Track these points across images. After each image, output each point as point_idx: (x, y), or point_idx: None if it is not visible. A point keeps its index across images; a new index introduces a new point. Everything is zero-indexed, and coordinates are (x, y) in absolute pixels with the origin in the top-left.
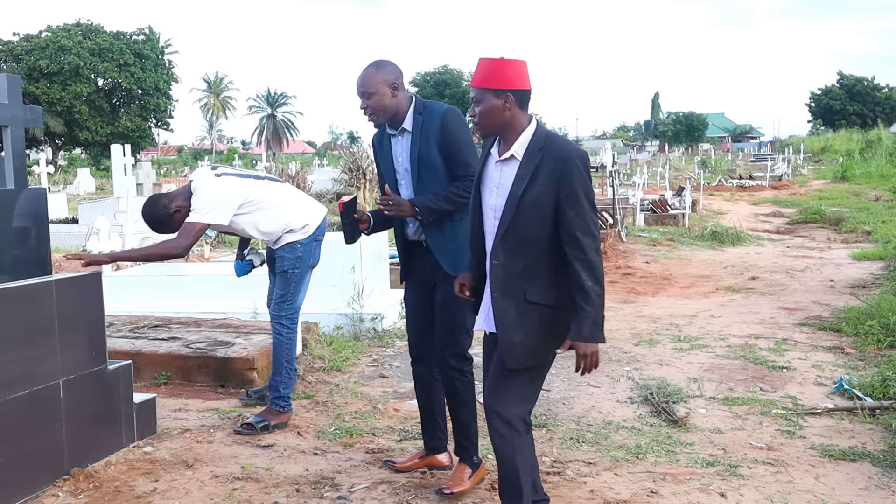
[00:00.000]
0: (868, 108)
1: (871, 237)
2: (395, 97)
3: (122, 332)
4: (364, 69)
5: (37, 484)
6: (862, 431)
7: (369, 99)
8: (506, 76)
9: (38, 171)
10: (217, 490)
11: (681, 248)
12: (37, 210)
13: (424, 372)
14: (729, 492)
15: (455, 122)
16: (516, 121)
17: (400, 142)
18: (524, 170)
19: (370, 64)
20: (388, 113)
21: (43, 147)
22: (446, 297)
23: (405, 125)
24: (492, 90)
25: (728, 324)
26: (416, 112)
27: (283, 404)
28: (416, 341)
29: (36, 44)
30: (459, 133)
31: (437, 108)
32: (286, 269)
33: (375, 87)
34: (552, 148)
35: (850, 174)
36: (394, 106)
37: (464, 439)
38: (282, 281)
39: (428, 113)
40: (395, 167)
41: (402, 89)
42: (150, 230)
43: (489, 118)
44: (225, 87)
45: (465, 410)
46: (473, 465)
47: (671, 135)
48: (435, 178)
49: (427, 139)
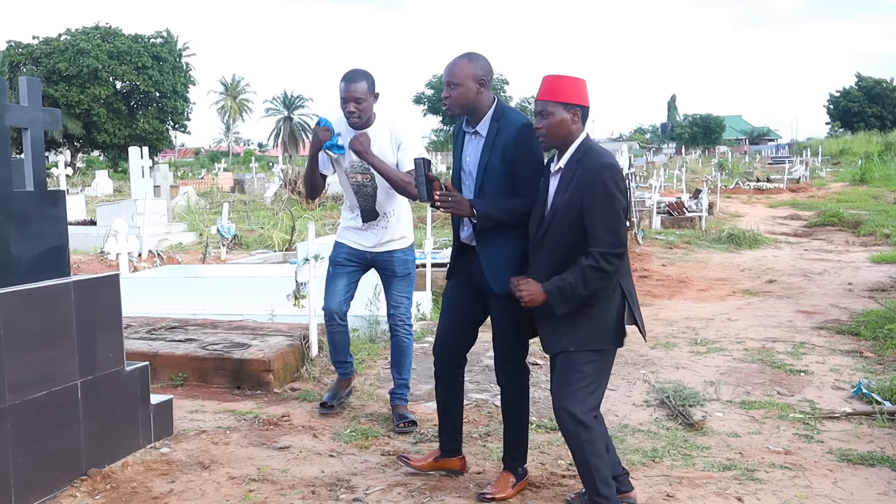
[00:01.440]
0: (887, 111)
1: (890, 240)
2: (480, 94)
3: (140, 334)
4: (456, 58)
5: (55, 484)
6: (881, 436)
7: (453, 90)
8: (576, 92)
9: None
10: (233, 491)
11: (697, 250)
12: (55, 212)
13: (447, 372)
14: (746, 496)
15: (530, 139)
16: (576, 134)
17: (471, 142)
18: (564, 178)
19: (463, 54)
20: (467, 108)
21: (62, 149)
22: (501, 311)
23: (479, 128)
24: (563, 104)
25: (745, 327)
26: (493, 118)
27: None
28: (443, 341)
29: (55, 47)
30: (533, 150)
31: (514, 119)
32: (410, 271)
33: (462, 79)
34: (587, 160)
35: (869, 177)
36: (475, 103)
37: (514, 450)
38: (407, 284)
39: (505, 122)
40: (462, 165)
41: (489, 88)
42: (167, 232)
43: (558, 130)
44: (242, 89)
45: (520, 423)
46: (518, 475)
47: (688, 137)
48: (497, 190)
49: (498, 149)
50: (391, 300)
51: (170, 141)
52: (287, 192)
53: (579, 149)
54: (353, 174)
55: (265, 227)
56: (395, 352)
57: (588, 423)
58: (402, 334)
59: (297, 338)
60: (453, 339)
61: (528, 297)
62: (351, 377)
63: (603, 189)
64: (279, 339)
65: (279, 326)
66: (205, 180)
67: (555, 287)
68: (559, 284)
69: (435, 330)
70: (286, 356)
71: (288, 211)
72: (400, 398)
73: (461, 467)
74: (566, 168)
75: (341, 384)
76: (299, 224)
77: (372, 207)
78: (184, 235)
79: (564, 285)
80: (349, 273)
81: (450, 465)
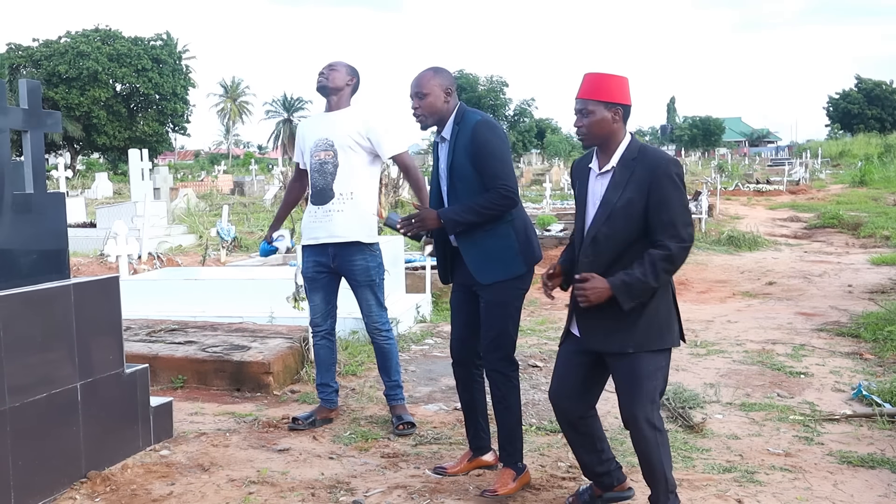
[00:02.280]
0: (887, 113)
1: (890, 242)
2: (447, 103)
3: (139, 336)
4: (421, 72)
5: (54, 487)
6: (881, 438)
7: (422, 100)
8: (618, 90)
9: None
10: (233, 494)
11: (697, 252)
12: (55, 214)
13: (465, 373)
14: (746, 498)
15: (485, 133)
16: (619, 134)
17: (442, 149)
18: (619, 178)
19: (428, 68)
20: (436, 117)
21: (61, 152)
22: (488, 303)
23: (444, 133)
24: (604, 103)
25: (745, 329)
26: (455, 121)
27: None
28: (457, 343)
29: (55, 49)
30: (489, 144)
31: (470, 118)
32: (374, 278)
33: (430, 88)
34: (645, 158)
35: (869, 179)
36: (444, 111)
37: (508, 444)
38: (373, 290)
39: (464, 122)
40: (439, 174)
41: (453, 96)
42: (166, 235)
43: (599, 129)
44: (241, 91)
45: (510, 416)
46: (518, 469)
47: (687, 139)
48: (467, 189)
49: (460, 149)
50: (362, 309)
51: (169, 143)
52: None
53: (631, 147)
54: (317, 152)
55: (265, 230)
56: (378, 358)
57: (662, 428)
58: (380, 341)
59: (296, 340)
60: (466, 340)
61: (593, 294)
62: (333, 408)
63: (673, 184)
64: (279, 341)
65: (279, 329)
66: (204, 182)
67: (621, 282)
68: (626, 279)
69: (436, 332)
70: (286, 358)
71: None
72: (395, 398)
73: (495, 462)
74: (620, 167)
75: (321, 411)
76: (299, 227)
77: (328, 186)
78: (183, 238)
79: (632, 280)
80: (323, 285)
81: (485, 462)
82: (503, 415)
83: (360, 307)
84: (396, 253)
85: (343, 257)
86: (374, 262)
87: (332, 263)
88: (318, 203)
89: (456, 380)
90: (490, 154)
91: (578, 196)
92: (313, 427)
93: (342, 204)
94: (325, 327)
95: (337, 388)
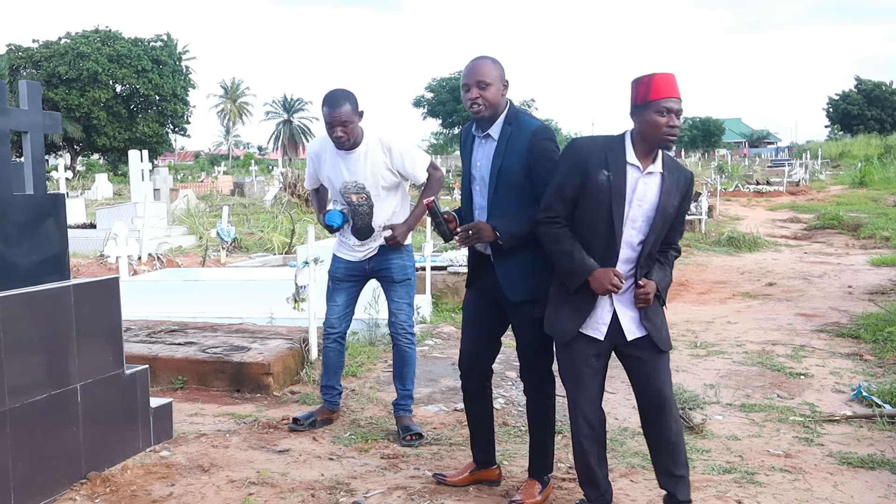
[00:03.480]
0: (887, 114)
1: (890, 243)
2: (504, 96)
3: (139, 337)
4: (479, 59)
5: (54, 487)
6: (881, 439)
7: (485, 90)
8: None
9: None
10: (233, 495)
11: (697, 253)
12: (55, 215)
13: (474, 387)
14: (746, 499)
15: (547, 141)
16: None
17: (482, 146)
18: (669, 184)
19: (484, 56)
20: (493, 110)
21: (61, 152)
22: (522, 321)
23: (491, 131)
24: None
25: (745, 330)
26: (506, 121)
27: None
28: (468, 354)
29: (55, 50)
30: (550, 153)
31: (528, 122)
32: (409, 276)
33: (493, 79)
34: (677, 166)
35: (869, 179)
36: (501, 105)
37: (541, 458)
38: (407, 290)
39: (518, 125)
40: (472, 171)
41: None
42: (166, 236)
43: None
44: (241, 92)
45: (547, 432)
46: (544, 482)
47: (687, 140)
48: (513, 195)
49: (512, 153)
50: (392, 307)
51: (169, 144)
52: (287, 195)
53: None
54: (348, 195)
55: (265, 231)
56: (397, 362)
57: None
58: (403, 343)
59: (296, 341)
60: (477, 352)
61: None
62: (335, 410)
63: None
64: (279, 342)
65: (279, 329)
66: (204, 183)
67: (662, 283)
68: (660, 280)
69: (436, 333)
70: (286, 359)
71: (288, 214)
72: (404, 409)
73: (498, 477)
74: (667, 172)
75: (322, 412)
76: (299, 227)
77: (367, 225)
78: (183, 239)
79: (664, 281)
80: (348, 288)
81: (487, 476)
82: (540, 431)
83: (390, 307)
84: None
85: (379, 257)
86: (409, 261)
87: (368, 266)
88: (360, 238)
89: (463, 392)
90: (552, 163)
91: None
92: (313, 428)
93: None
94: (339, 330)
95: (341, 390)
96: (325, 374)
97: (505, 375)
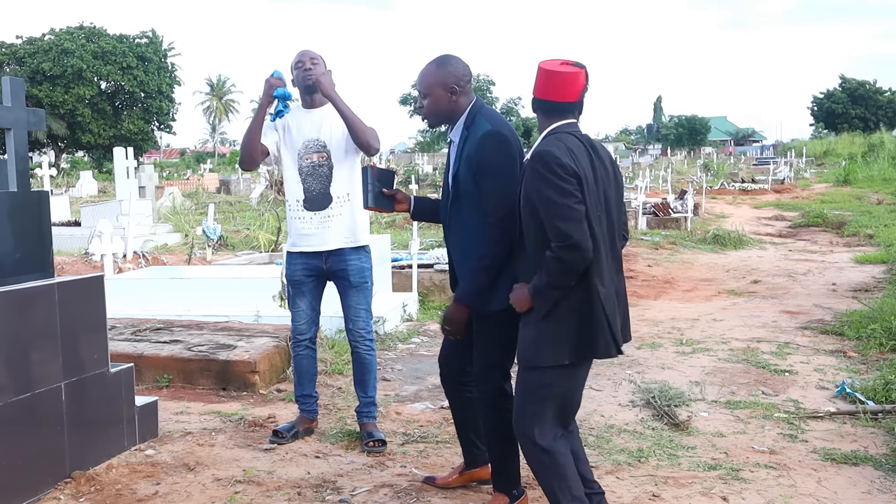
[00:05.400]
0: (870, 112)
1: (874, 241)
2: (454, 102)
3: (124, 335)
4: (427, 64)
5: (38, 487)
6: (864, 435)
7: (424, 100)
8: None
9: (40, 173)
10: (218, 493)
11: (683, 251)
12: (39, 213)
13: (452, 388)
14: (731, 496)
15: (490, 147)
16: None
17: (452, 151)
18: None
19: (434, 59)
20: (443, 117)
21: (45, 150)
22: (478, 332)
23: (453, 136)
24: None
25: (730, 327)
26: (465, 124)
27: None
28: (444, 359)
29: (39, 47)
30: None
31: (480, 126)
32: (367, 280)
33: (430, 89)
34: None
35: (853, 178)
36: (450, 111)
37: (500, 472)
38: (364, 294)
39: (473, 129)
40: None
41: (465, 92)
42: (152, 233)
43: None
44: (227, 89)
45: (500, 446)
46: (512, 496)
47: (673, 138)
48: (469, 203)
49: (465, 159)
50: (348, 313)
51: (155, 141)
52: (273, 192)
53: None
54: (308, 154)
55: (251, 228)
56: (357, 369)
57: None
58: (363, 350)
59: (282, 339)
60: (454, 354)
61: (515, 303)
62: (314, 417)
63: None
64: (265, 340)
65: (265, 327)
66: (190, 181)
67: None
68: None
69: (422, 331)
70: (272, 357)
71: (274, 212)
72: (367, 416)
73: (489, 475)
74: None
75: (302, 421)
76: (285, 225)
77: (325, 190)
78: (169, 236)
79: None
80: (310, 290)
81: (478, 476)
82: (493, 445)
83: (347, 313)
84: (383, 251)
85: (337, 257)
86: (368, 264)
87: (325, 265)
88: (314, 209)
89: (446, 395)
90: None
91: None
92: (296, 439)
93: (340, 207)
94: (309, 335)
95: (318, 396)
96: (299, 384)
97: None
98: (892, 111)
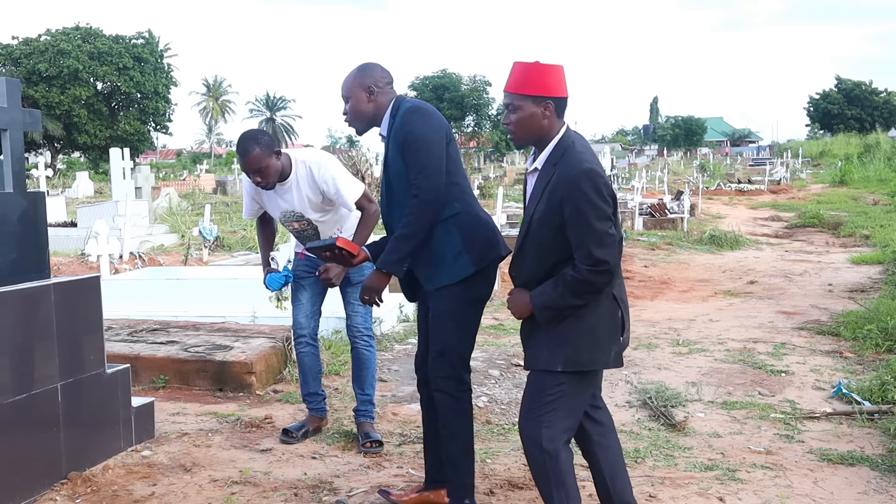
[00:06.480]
0: (866, 113)
1: (870, 241)
2: (373, 101)
3: (121, 336)
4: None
5: (35, 488)
6: (860, 436)
7: (347, 104)
8: (547, 82)
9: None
10: (215, 494)
11: (679, 252)
12: (35, 214)
13: (427, 394)
14: (727, 496)
15: (414, 122)
16: (552, 131)
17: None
18: (539, 183)
19: (354, 67)
20: (366, 118)
21: (41, 150)
22: (433, 312)
23: (382, 131)
24: (531, 97)
25: (727, 328)
26: (391, 115)
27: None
28: (419, 360)
29: (35, 47)
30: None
31: (403, 107)
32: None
33: (350, 91)
34: (564, 164)
35: (849, 178)
36: (371, 111)
37: (454, 477)
38: None
39: (398, 115)
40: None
41: (384, 93)
42: (148, 234)
43: (527, 128)
44: (224, 90)
45: (455, 444)
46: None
47: (670, 139)
48: (401, 186)
49: (392, 143)
50: (348, 309)
51: (151, 142)
52: None
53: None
54: (290, 222)
55: (247, 229)
56: (355, 366)
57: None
58: (361, 346)
59: (279, 339)
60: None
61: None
62: (324, 416)
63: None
64: (261, 340)
65: (261, 328)
66: (187, 182)
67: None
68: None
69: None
70: (268, 358)
71: None
72: (364, 415)
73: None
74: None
75: (312, 420)
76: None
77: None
78: (165, 237)
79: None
80: (311, 283)
81: (435, 499)
82: (448, 442)
83: (347, 309)
84: None
85: None
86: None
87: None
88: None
89: (420, 403)
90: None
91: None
92: (306, 437)
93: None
94: (308, 329)
95: (325, 395)
96: (304, 382)
97: (488, 374)
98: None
